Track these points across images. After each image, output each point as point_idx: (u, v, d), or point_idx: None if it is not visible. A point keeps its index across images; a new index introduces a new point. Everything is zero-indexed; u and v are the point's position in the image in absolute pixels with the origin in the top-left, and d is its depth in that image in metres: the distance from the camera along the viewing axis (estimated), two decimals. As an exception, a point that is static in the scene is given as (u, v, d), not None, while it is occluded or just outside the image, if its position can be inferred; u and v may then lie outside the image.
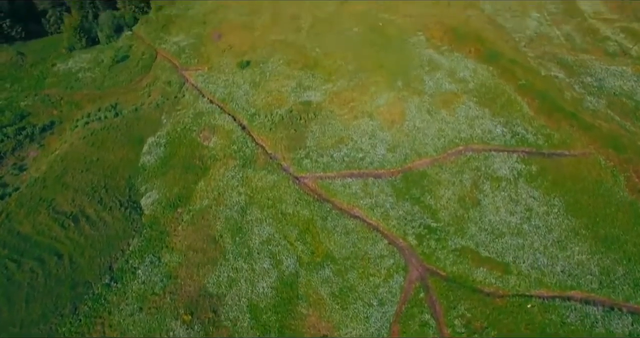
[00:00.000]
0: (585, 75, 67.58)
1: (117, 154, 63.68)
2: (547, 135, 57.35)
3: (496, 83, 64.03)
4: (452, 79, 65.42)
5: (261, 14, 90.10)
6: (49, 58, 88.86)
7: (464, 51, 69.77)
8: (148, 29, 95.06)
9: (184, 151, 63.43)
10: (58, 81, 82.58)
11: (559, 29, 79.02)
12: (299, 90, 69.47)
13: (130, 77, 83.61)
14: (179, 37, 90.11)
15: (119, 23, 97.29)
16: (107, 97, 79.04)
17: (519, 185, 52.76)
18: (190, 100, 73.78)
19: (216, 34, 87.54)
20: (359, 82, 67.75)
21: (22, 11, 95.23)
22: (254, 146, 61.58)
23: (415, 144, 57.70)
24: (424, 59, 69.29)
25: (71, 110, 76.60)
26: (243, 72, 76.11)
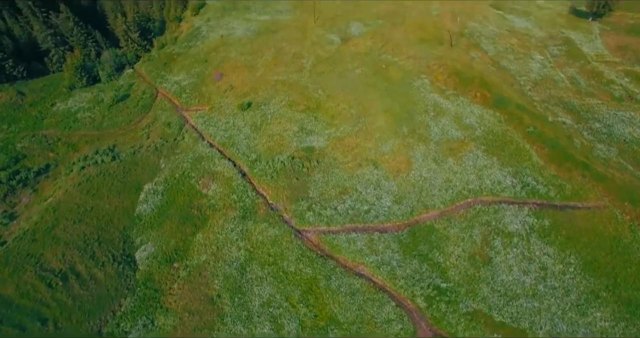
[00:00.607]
0: (593, 121, 66.31)
1: (113, 202, 61.36)
2: (559, 186, 55.31)
3: (504, 130, 62.50)
4: (458, 125, 63.94)
5: (263, 53, 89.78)
6: (49, 97, 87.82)
7: (469, 96, 68.63)
8: (149, 67, 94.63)
9: (182, 199, 61.17)
10: (56, 121, 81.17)
11: (563, 71, 78.45)
12: (301, 135, 67.92)
13: (129, 117, 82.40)
14: (180, 75, 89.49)
15: (120, 61, 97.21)
16: (106, 138, 77.53)
17: (532, 241, 50.28)
18: (190, 143, 72.17)
19: (217, 74, 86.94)
20: (363, 127, 66.25)
21: (26, 51, 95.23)
22: (255, 195, 59.38)
23: (422, 195, 55.55)
24: (428, 104, 68.03)
25: (68, 153, 74.80)
26: (244, 114, 74.84)
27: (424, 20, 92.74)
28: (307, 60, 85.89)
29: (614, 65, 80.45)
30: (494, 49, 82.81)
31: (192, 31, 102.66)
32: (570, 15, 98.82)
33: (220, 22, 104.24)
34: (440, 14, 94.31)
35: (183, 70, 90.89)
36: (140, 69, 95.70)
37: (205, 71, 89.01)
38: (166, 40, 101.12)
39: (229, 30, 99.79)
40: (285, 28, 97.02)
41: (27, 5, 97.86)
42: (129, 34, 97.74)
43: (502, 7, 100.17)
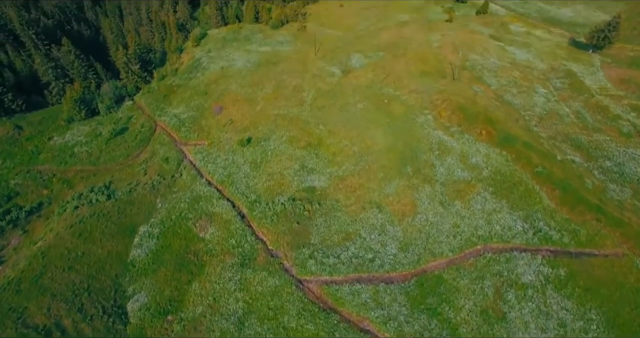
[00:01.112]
0: (603, 158, 64.40)
1: (106, 246, 58.74)
2: (573, 232, 52.86)
3: (512, 170, 60.48)
4: (464, 164, 61.96)
5: (263, 85, 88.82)
6: (47, 131, 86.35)
7: (475, 133, 66.95)
8: (149, 99, 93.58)
9: (178, 244, 58.58)
10: (52, 156, 79.37)
11: (567, 105, 77.13)
12: (302, 174, 65.88)
13: (127, 151, 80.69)
14: (180, 108, 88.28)
15: (120, 93, 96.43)
16: (102, 174, 75.59)
17: (548, 293, 47.47)
18: (188, 180, 70.08)
19: (217, 107, 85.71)
20: (366, 166, 64.26)
21: (26, 83, 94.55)
22: (254, 240, 56.82)
23: (429, 242, 53.03)
24: (433, 141, 66.28)
25: (62, 190, 72.71)
26: (244, 150, 73.03)
27: (425, 52, 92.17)
28: (307, 94, 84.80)
29: (618, 99, 79.20)
30: (496, 82, 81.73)
31: (192, 62, 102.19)
32: (570, 47, 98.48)
33: (221, 53, 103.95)
34: (441, 46, 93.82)
35: (183, 103, 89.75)
36: (140, 101, 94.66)
37: (205, 104, 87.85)
38: (166, 72, 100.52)
39: (229, 62, 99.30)
40: (286, 60, 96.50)
41: (30, 38, 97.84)
42: (129, 66, 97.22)
43: (502, 39, 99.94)
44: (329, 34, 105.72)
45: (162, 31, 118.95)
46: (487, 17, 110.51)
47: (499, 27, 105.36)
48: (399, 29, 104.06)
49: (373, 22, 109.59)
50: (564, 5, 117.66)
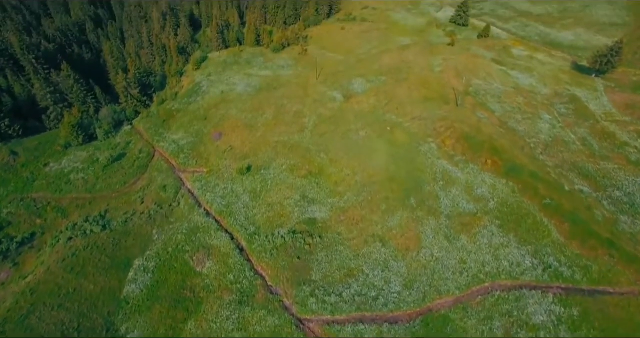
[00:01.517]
0: (612, 188, 62.64)
1: (99, 281, 56.51)
2: (584, 268, 50.71)
3: (518, 202, 58.67)
4: (469, 196, 60.21)
5: (264, 111, 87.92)
6: (43, 157, 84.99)
7: (480, 162, 65.43)
8: (148, 124, 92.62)
9: (175, 279, 56.37)
10: (47, 184, 77.74)
11: (573, 132, 75.84)
12: (303, 204, 64.12)
13: (124, 178, 79.13)
14: (179, 134, 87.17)
15: (119, 118, 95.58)
16: (98, 203, 73.82)
17: (561, 335, 45.00)
18: (186, 210, 68.28)
19: (217, 133, 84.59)
20: (368, 196, 62.53)
21: (24, 108, 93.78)
22: (253, 276, 54.63)
23: (435, 278, 50.86)
24: (437, 171, 64.71)
25: (56, 219, 70.79)
26: (243, 179, 71.49)
27: (428, 77, 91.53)
28: (308, 120, 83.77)
29: (624, 125, 77.98)
30: (500, 109, 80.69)
31: (192, 86, 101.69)
32: (572, 71, 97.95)
33: (221, 77, 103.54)
34: (443, 71, 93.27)
35: (182, 128, 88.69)
36: (139, 125, 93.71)
37: (204, 130, 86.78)
38: (166, 96, 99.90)
39: (229, 86, 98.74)
40: (287, 84, 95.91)
41: (31, 62, 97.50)
42: (129, 90, 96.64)
43: (505, 63, 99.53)
44: (330, 58, 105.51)
45: (162, 54, 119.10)
46: (489, 40, 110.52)
47: (501, 51, 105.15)
48: (400, 53, 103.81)
49: (375, 45, 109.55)
50: (565, 28, 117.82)
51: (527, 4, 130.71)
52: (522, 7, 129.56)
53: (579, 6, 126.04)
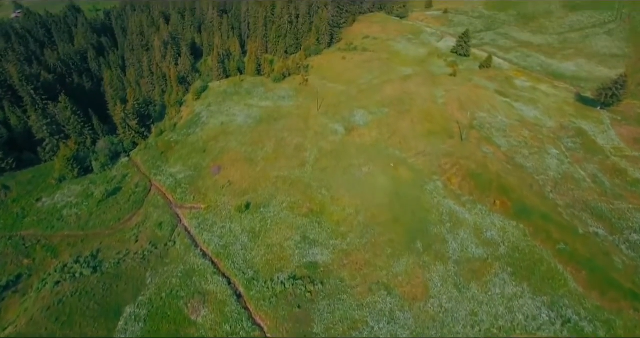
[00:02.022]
0: (629, 230, 59.80)
1: (86, 332, 52.99)
2: (607, 323, 47.41)
3: (530, 246, 55.80)
4: (479, 240, 57.37)
5: (264, 144, 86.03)
6: (36, 191, 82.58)
7: (488, 203, 62.90)
8: (146, 156, 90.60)
9: (167, 328, 52.89)
10: (38, 220, 75.00)
11: (582, 168, 73.60)
12: (304, 246, 61.22)
13: (119, 214, 76.36)
14: (177, 167, 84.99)
15: (116, 149, 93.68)
16: (90, 241, 70.82)
17: (584, 401, 41.34)
18: (182, 251, 65.28)
19: (216, 167, 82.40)
20: (372, 239, 59.69)
21: (20, 140, 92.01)
22: (251, 326, 51.20)
23: (444, 332, 47.48)
24: (443, 212, 62.08)
25: (45, 259, 67.63)
26: (242, 217, 68.79)
27: (431, 109, 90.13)
28: (309, 154, 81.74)
29: (635, 161, 75.83)
30: (506, 143, 78.77)
31: (192, 117, 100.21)
32: (577, 103, 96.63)
33: (221, 107, 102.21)
34: (446, 103, 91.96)
35: (180, 161, 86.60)
36: (136, 157, 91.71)
37: (202, 163, 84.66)
38: (165, 127, 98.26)
39: (229, 117, 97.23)
40: (288, 116, 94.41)
41: (29, 93, 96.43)
42: (127, 122, 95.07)
43: (508, 94, 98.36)
44: (331, 88, 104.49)
45: (162, 83, 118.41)
46: (491, 71, 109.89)
47: (503, 82, 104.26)
48: (402, 83, 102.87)
49: (376, 75, 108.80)
50: (566, 59, 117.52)
51: (528, 34, 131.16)
52: (523, 37, 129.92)
53: (578, 37, 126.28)
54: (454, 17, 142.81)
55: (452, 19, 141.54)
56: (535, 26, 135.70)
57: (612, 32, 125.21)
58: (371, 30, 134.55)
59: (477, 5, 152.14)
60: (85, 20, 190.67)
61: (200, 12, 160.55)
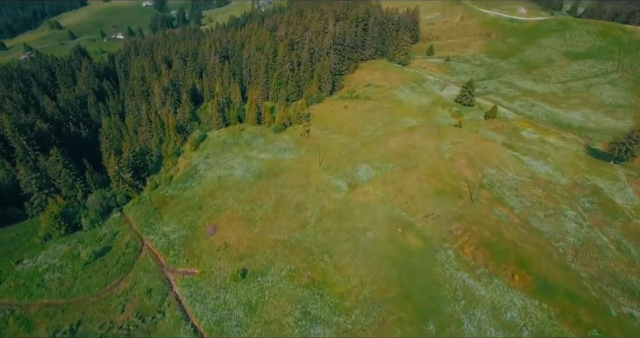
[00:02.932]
0: (664, 310, 54.07)
1: None
2: None
3: (558, 332, 50.06)
4: (497, 321, 51.68)
5: (263, 201, 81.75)
6: (17, 251, 77.15)
7: (505, 276, 57.65)
8: (138, 212, 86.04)
9: None
10: (16, 286, 69.13)
11: (603, 233, 68.79)
12: (305, 323, 55.44)
13: (105, 279, 70.66)
14: (170, 225, 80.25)
15: (108, 204, 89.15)
16: (71, 310, 64.80)
17: None
18: (171, 325, 59.39)
19: (211, 227, 77.70)
20: (379, 318, 53.98)
21: (6, 194, 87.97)
22: None
23: None
24: (457, 287, 56.72)
25: (17, 334, 61.35)
26: (237, 287, 63.31)
27: (437, 164, 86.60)
28: (311, 213, 77.29)
29: (658, 224, 71.10)
30: (519, 204, 74.42)
31: (189, 169, 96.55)
32: (588, 157, 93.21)
33: (219, 159, 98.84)
34: (453, 158, 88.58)
35: (174, 218, 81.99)
36: (129, 213, 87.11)
37: (198, 221, 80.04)
38: (160, 180, 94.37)
39: (228, 170, 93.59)
40: (288, 170, 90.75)
41: (21, 144, 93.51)
42: (120, 175, 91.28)
43: (516, 147, 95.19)
44: (333, 140, 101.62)
45: (160, 132, 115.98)
46: (497, 121, 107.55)
47: (510, 134, 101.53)
48: (407, 135, 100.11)
49: (379, 126, 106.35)
50: (571, 108, 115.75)
51: (531, 83, 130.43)
52: (526, 86, 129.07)
53: (582, 86, 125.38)
54: (456, 65, 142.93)
55: (454, 66, 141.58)
56: (537, 74, 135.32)
57: (615, 82, 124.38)
58: (373, 77, 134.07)
59: (478, 52, 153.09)
60: (89, 63, 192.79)
61: (202, 57, 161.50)
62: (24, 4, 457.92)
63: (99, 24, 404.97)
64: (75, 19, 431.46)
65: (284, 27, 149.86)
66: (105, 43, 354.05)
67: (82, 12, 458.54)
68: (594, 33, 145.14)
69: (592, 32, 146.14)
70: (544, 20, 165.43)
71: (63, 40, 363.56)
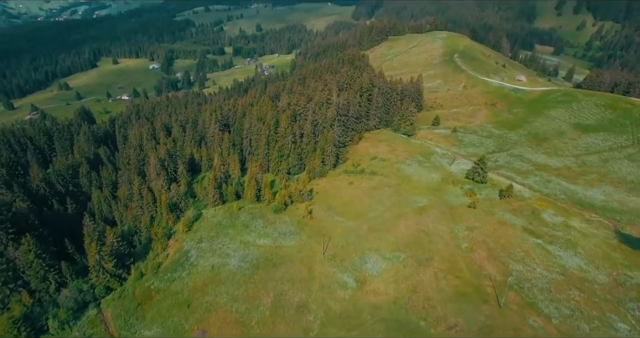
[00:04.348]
0: None
1: None
2: None
3: None
4: None
5: (260, 300, 71.86)
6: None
7: None
8: (118, 309, 75.88)
9: None
10: None
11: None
12: None
13: None
14: (153, 328, 70.05)
15: (84, 298, 78.89)
16: None
17: None
18: None
19: (200, 331, 67.43)
20: None
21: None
22: None
23: None
24: None
25: None
26: None
27: (454, 256, 77.66)
28: (314, 317, 67.19)
29: None
30: (556, 312, 64.31)
31: (179, 256, 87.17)
32: (622, 246, 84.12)
33: (214, 243, 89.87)
34: (471, 248, 79.79)
35: (158, 319, 71.80)
36: (107, 310, 76.93)
37: (185, 324, 69.89)
38: (147, 268, 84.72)
39: (222, 258, 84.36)
40: (289, 260, 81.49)
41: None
42: (102, 264, 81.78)
43: (540, 233, 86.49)
44: (338, 223, 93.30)
45: (152, 209, 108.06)
46: (514, 201, 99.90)
47: (530, 216, 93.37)
48: (418, 218, 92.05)
49: (387, 206, 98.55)
50: (590, 185, 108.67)
51: (543, 156, 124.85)
52: (539, 159, 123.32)
53: (597, 160, 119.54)
54: (464, 136, 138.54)
55: (462, 138, 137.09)
56: (548, 147, 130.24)
57: (632, 157, 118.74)
58: (378, 150, 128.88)
59: (485, 123, 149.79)
60: (87, 128, 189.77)
61: (202, 125, 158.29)
62: (38, 66, 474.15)
63: (106, 85, 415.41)
64: (84, 80, 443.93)
65: (286, 96, 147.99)
66: (110, 103, 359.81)
67: (91, 73, 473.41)
68: (602, 105, 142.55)
69: (600, 104, 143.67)
70: (548, 91, 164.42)
71: (69, 101, 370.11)
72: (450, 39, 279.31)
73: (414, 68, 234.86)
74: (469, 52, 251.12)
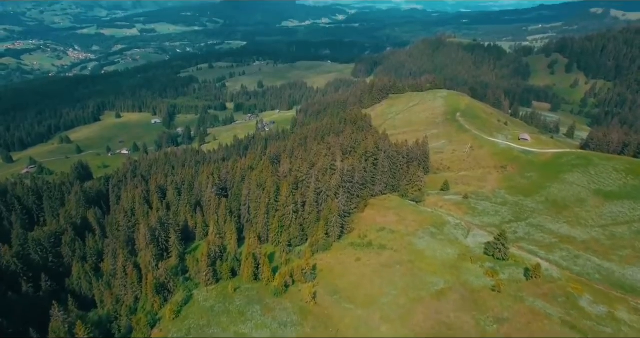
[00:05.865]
0: None
1: None
2: None
3: None
4: None
5: None
6: None
7: None
8: None
9: None
10: None
11: None
12: None
13: None
14: None
15: None
16: None
17: None
18: None
19: None
20: None
21: None
22: None
23: None
24: None
25: None
26: None
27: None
28: None
29: None
30: None
31: (160, 356, 74.49)
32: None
33: (203, 336, 77.44)
34: (505, 349, 67.48)
35: None
36: None
37: None
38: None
39: (211, 358, 71.64)
40: (289, 363, 68.99)
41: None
42: (68, 366, 69.10)
43: (583, 329, 74.29)
44: (346, 311, 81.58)
45: (137, 289, 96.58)
46: (543, 284, 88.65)
47: (566, 304, 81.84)
48: (436, 305, 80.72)
49: (401, 289, 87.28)
50: (627, 263, 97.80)
51: (566, 227, 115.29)
52: (562, 230, 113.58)
53: (628, 232, 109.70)
54: (477, 204, 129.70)
55: (475, 206, 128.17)
56: (570, 216, 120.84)
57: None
58: (386, 219, 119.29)
59: (498, 188, 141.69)
60: (80, 188, 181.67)
61: (198, 189, 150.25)
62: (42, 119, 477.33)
63: (107, 138, 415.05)
64: (86, 134, 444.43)
65: (287, 161, 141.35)
66: (109, 158, 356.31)
67: (93, 127, 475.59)
68: (622, 170, 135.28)
69: (620, 169, 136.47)
70: (562, 154, 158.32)
71: (69, 154, 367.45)
72: (451, 98, 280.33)
73: (416, 127, 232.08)
74: (470, 110, 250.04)
